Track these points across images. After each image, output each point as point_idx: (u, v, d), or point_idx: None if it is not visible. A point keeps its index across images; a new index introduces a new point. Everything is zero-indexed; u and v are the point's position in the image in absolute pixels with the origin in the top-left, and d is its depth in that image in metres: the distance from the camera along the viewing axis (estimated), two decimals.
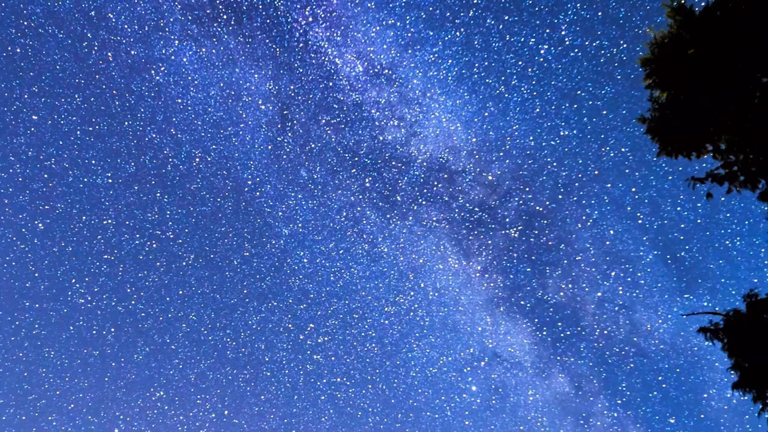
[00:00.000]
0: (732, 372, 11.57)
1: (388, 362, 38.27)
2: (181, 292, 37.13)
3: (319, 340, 37.77)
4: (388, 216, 36.17)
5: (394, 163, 34.88)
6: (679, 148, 12.94)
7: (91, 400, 35.86)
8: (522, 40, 30.58)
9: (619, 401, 37.37)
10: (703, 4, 11.98)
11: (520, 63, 31.17)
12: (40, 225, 34.43)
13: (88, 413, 35.73)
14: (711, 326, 11.88)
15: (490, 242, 35.84)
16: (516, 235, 35.40)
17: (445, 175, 34.75)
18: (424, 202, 35.71)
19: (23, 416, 34.71)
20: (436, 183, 34.99)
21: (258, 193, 35.89)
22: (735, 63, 11.16)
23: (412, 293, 36.70)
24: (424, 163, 34.75)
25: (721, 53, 11.26)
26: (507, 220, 35.39)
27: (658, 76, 12.68)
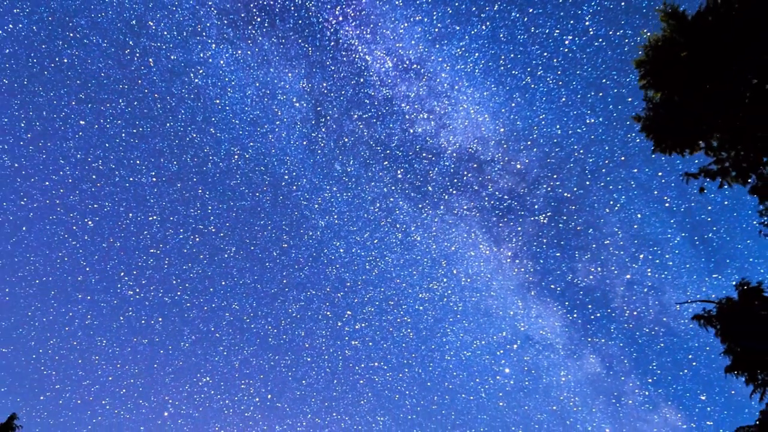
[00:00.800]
0: (725, 356, 12.11)
1: (424, 347, 39.10)
2: (223, 283, 38.52)
3: (357, 327, 38.77)
4: (420, 206, 36.87)
5: (424, 154, 35.57)
6: (672, 145, 13.38)
7: (141, 385, 37.38)
8: (546, 31, 30.91)
9: (650, 380, 37.58)
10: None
11: (545, 54, 31.50)
12: (89, 223, 36.00)
13: (139, 397, 37.24)
14: (704, 314, 12.38)
15: (519, 229, 36.30)
16: (545, 221, 35.70)
17: (475, 165, 35.15)
18: (454, 192, 36.24)
19: (78, 400, 36.14)
20: (465, 173, 35.45)
21: (295, 187, 36.98)
22: (726, 65, 11.56)
23: (445, 280, 37.35)
24: (454, 154, 35.21)
25: (713, 56, 11.66)
26: (536, 206, 35.75)
27: (652, 77, 13.08)
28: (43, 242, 35.79)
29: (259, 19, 32.09)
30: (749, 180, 12.67)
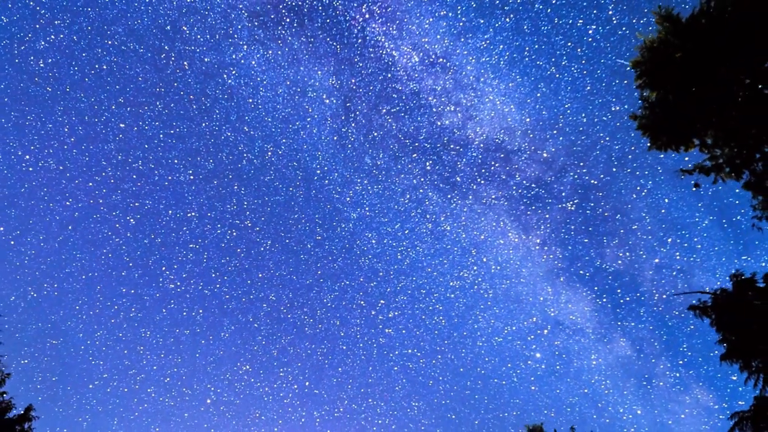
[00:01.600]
0: (720, 345, 12.50)
1: (456, 333, 39.72)
2: (260, 275, 39.73)
3: (390, 315, 39.60)
4: (448, 196, 37.23)
5: (452, 146, 35.94)
6: (668, 142, 13.66)
7: (185, 374, 38.78)
8: (570, 21, 30.97)
9: (680, 362, 37.51)
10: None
11: (569, 44, 31.61)
12: (131, 221, 37.52)
13: (182, 385, 38.67)
14: (700, 304, 12.74)
15: (547, 216, 36.54)
16: (573, 208, 35.91)
17: (502, 155, 35.50)
18: (482, 182, 36.57)
19: (125, 388, 37.66)
20: (493, 163, 35.77)
21: (326, 181, 37.86)
22: (720, 66, 11.80)
23: (475, 268, 37.80)
24: (481, 145, 35.45)
25: (706, 57, 11.90)
26: (563, 194, 35.94)
27: (648, 78, 13.32)
28: (88, 240, 37.38)
29: (288, 20, 32.90)
30: (742, 176, 12.97)
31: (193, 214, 37.78)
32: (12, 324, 36.32)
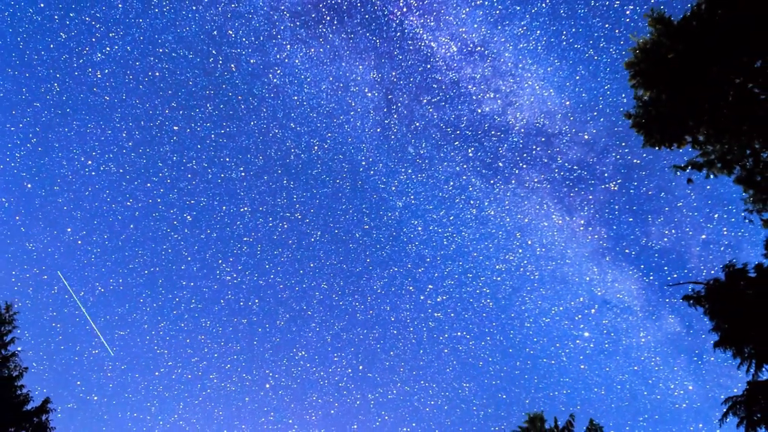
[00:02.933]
0: (714, 332, 12.72)
1: (503, 315, 39.66)
2: (312, 265, 40.33)
3: (438, 299, 39.45)
4: (491, 181, 37.05)
5: (493, 132, 35.87)
6: (661, 140, 13.91)
7: (244, 360, 39.72)
8: (607, 3, 30.48)
9: None
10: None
11: (606, 26, 31.16)
12: (188, 217, 38.76)
13: (242, 371, 39.55)
14: (694, 294, 12.97)
15: (591, 197, 36.07)
16: (616, 188, 35.23)
17: (543, 139, 35.26)
18: (524, 166, 36.41)
19: (189, 375, 38.76)
20: (534, 147, 35.54)
21: (372, 172, 38.19)
22: (710, 66, 12.07)
23: (520, 251, 37.61)
24: (522, 130, 35.35)
25: (697, 58, 12.16)
26: (606, 174, 35.31)
27: (641, 78, 13.58)
28: (148, 237, 39.06)
29: (328, 18, 33.41)
30: (734, 171, 13.23)
31: (245, 208, 39.14)
32: (81, 317, 38.31)
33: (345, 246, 40.10)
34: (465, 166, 37.33)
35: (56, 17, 33.30)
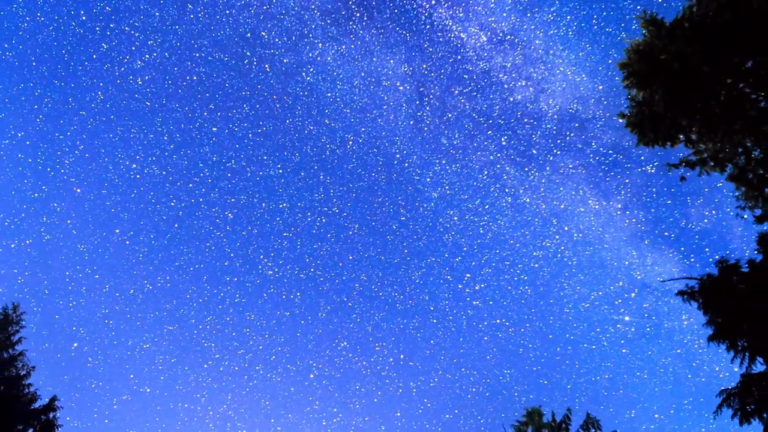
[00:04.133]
0: (708, 326, 12.74)
1: (542, 302, 39.35)
2: (351, 257, 40.90)
3: (476, 288, 39.33)
4: (526, 169, 36.77)
5: (526, 120, 35.50)
6: (654, 139, 13.96)
7: (288, 352, 40.45)
8: None
9: None
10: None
11: (638, 7, 31.16)
12: (229, 215, 39.67)
13: (287, 363, 40.33)
14: (688, 289, 13.00)
15: (627, 181, 35.21)
16: (653, 170, 34.58)
17: (576, 124, 34.67)
18: (558, 152, 35.96)
19: (236, 366, 39.68)
20: (568, 133, 35.15)
21: (406, 164, 38.41)
22: (702, 66, 12.12)
23: (557, 237, 37.22)
24: (555, 116, 34.86)
25: (689, 58, 12.21)
26: (642, 157, 34.77)
27: (634, 78, 13.63)
28: (192, 235, 40.12)
29: (358, 14, 33.62)
30: (726, 169, 13.28)
31: (284, 204, 40.07)
32: (132, 313, 39.50)
33: (382, 238, 40.57)
34: (499, 155, 37.13)
35: (97, 29, 34.53)
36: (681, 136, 13.49)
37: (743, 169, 13.20)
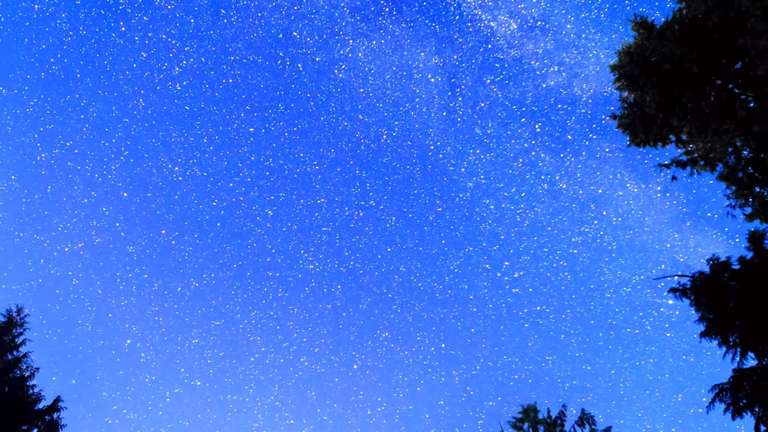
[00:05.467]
0: (700, 323, 12.74)
1: (582, 287, 38.59)
2: (389, 249, 40.69)
3: (515, 275, 38.95)
4: (561, 155, 35.99)
5: (560, 106, 34.91)
6: (646, 139, 13.99)
7: (331, 344, 40.58)
8: None
9: None
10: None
11: None
12: (269, 212, 39.97)
13: (330, 354, 40.44)
14: (680, 287, 13.00)
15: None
16: None
17: (612, 107, 33.56)
18: (594, 137, 35.37)
19: (281, 359, 39.85)
20: (603, 116, 33.59)
21: (440, 155, 38.22)
22: (691, 68, 12.15)
23: (595, 222, 36.21)
24: (589, 100, 34.17)
25: (679, 60, 12.24)
26: None
27: (626, 80, 13.66)
28: (234, 233, 40.72)
29: (387, 9, 33.59)
30: (716, 168, 13.30)
31: (322, 200, 40.21)
32: (180, 310, 40.52)
33: (419, 229, 40.55)
34: (533, 142, 36.36)
35: (136, 39, 35.49)
36: (672, 137, 13.52)
37: (733, 168, 13.22)
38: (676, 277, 13.26)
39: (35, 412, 15.96)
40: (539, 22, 32.09)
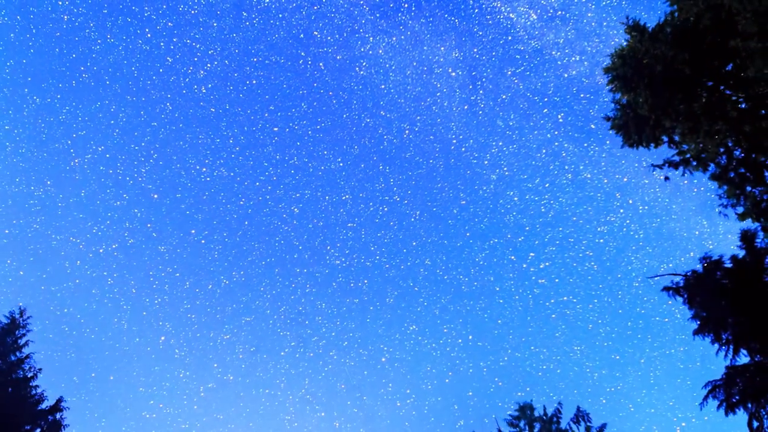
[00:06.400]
0: (693, 320, 12.78)
1: (609, 277, 38.44)
2: (414, 243, 40.55)
3: (541, 266, 38.64)
4: (585, 144, 35.46)
5: (582, 95, 34.55)
6: (639, 140, 14.01)
7: (359, 337, 40.61)
8: None
9: None
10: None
11: None
12: (295, 210, 40.46)
13: (358, 347, 40.38)
14: (673, 285, 13.04)
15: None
16: None
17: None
18: None
19: (311, 353, 40.12)
20: None
21: (463, 149, 37.90)
22: (683, 70, 12.18)
23: (621, 211, 35.56)
24: None
25: (671, 62, 12.28)
26: None
27: (619, 82, 13.69)
28: (261, 231, 41.27)
29: (406, 5, 33.51)
30: (709, 168, 13.33)
31: (347, 196, 40.53)
32: (212, 307, 40.79)
33: (444, 222, 40.35)
34: (556, 132, 36.02)
35: (162, 44, 35.84)
36: (664, 137, 13.56)
37: (725, 168, 13.25)
38: (669, 271, 13.31)
39: (38, 412, 15.97)
40: (559, 12, 31.71)
